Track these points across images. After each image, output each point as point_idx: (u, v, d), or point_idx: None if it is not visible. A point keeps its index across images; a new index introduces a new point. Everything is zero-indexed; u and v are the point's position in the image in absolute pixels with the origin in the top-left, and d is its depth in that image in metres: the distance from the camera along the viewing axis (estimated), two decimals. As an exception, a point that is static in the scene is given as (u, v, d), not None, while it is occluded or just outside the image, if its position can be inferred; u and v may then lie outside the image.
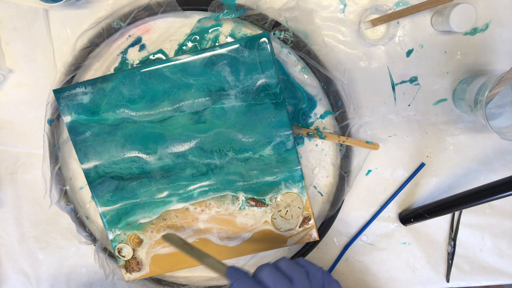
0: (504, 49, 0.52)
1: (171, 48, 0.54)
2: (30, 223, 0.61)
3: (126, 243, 0.55)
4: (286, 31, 0.50)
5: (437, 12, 0.51)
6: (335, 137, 0.54)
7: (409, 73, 0.53)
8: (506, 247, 0.58)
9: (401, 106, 0.55)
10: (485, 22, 0.52)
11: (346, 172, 0.54)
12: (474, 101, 0.47)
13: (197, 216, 0.54)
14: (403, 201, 0.58)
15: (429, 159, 0.56)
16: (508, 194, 0.43)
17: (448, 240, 0.58)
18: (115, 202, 0.54)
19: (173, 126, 0.51)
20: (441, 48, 0.53)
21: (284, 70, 0.53)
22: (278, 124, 0.50)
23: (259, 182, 0.52)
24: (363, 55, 0.53)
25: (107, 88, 0.50)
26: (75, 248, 0.61)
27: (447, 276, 0.59)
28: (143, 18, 0.51)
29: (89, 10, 0.53)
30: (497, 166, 0.56)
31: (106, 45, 0.53)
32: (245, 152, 0.51)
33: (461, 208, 0.49)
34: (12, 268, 0.63)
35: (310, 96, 0.54)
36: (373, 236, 0.58)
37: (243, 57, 0.48)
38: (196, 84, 0.49)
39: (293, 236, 0.55)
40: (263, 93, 0.49)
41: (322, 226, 0.56)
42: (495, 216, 0.57)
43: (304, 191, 0.53)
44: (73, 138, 0.52)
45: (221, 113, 0.50)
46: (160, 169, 0.52)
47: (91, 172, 0.53)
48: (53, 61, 0.55)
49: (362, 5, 0.52)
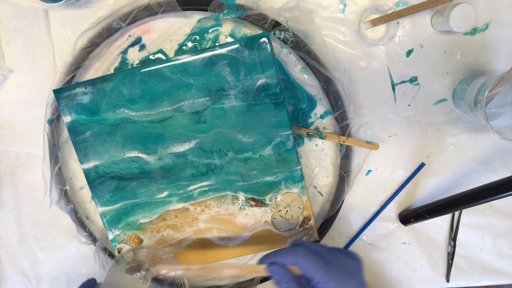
0: (504, 49, 0.52)
1: (171, 48, 0.54)
2: (30, 223, 0.61)
3: (126, 243, 0.55)
4: (286, 31, 0.50)
5: (437, 12, 0.51)
6: (335, 137, 0.54)
7: (409, 73, 0.53)
8: (506, 247, 0.58)
9: (401, 106, 0.55)
10: (485, 22, 0.52)
11: (346, 172, 0.54)
12: (474, 101, 0.47)
13: (197, 216, 0.54)
14: (403, 201, 0.58)
15: (429, 159, 0.56)
16: (508, 194, 0.43)
17: (448, 240, 0.58)
18: (115, 202, 0.54)
19: (173, 126, 0.51)
20: (441, 48, 0.53)
21: (284, 70, 0.53)
22: (278, 124, 0.50)
23: (259, 182, 0.52)
24: (363, 55, 0.53)
25: (107, 88, 0.50)
26: (75, 248, 0.61)
27: (447, 276, 0.59)
28: (143, 18, 0.51)
29: (89, 10, 0.53)
30: (497, 166, 0.56)
31: (106, 45, 0.53)
32: (245, 152, 0.51)
33: (461, 208, 0.49)
34: (12, 268, 0.63)
35: (310, 96, 0.54)
36: (373, 236, 0.58)
37: (243, 57, 0.48)
38: (196, 84, 0.49)
39: (293, 236, 0.55)
40: (263, 93, 0.49)
41: (322, 226, 0.56)
42: (495, 216, 0.57)
43: (304, 191, 0.53)
44: (73, 138, 0.52)
45: (221, 113, 0.50)
46: (160, 169, 0.52)
47: (91, 172, 0.53)
48: (53, 61, 0.55)
49: (362, 5, 0.52)
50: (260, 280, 0.57)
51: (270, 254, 0.41)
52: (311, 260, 0.39)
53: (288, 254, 0.40)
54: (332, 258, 0.40)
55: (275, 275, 0.40)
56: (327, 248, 0.42)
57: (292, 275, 0.39)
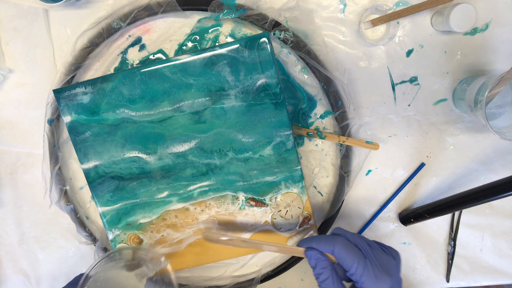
0: (504, 49, 0.52)
1: (171, 48, 0.54)
2: (30, 223, 0.61)
3: (126, 243, 0.55)
4: (286, 31, 0.50)
5: (437, 12, 0.51)
6: (335, 137, 0.54)
7: (409, 73, 0.53)
8: (506, 247, 0.58)
9: (401, 106, 0.55)
10: (485, 22, 0.52)
11: (346, 172, 0.54)
12: (474, 101, 0.47)
13: (197, 216, 0.54)
14: (403, 201, 0.58)
15: (429, 159, 0.56)
16: (508, 194, 0.43)
17: (448, 240, 0.58)
18: (115, 202, 0.54)
19: (173, 126, 0.51)
20: (441, 48, 0.53)
21: (284, 70, 0.53)
22: (278, 124, 0.50)
23: (259, 182, 0.52)
24: (363, 55, 0.53)
25: (107, 88, 0.50)
26: (75, 248, 0.61)
27: (447, 276, 0.59)
28: (143, 18, 0.51)
29: (89, 10, 0.53)
30: (497, 166, 0.56)
31: (106, 45, 0.53)
32: (245, 152, 0.51)
33: (461, 208, 0.49)
34: (12, 268, 0.63)
35: (310, 96, 0.54)
36: (373, 236, 0.58)
37: (243, 57, 0.48)
38: (196, 84, 0.49)
39: (293, 236, 0.55)
40: (263, 93, 0.49)
41: (322, 226, 0.56)
42: (495, 216, 0.57)
43: (304, 191, 0.53)
44: (73, 138, 0.52)
45: (221, 113, 0.50)
46: (160, 169, 0.52)
47: (91, 172, 0.53)
48: (53, 61, 0.55)
49: (362, 5, 0.52)
50: (260, 280, 0.57)
51: (309, 238, 0.43)
52: (349, 252, 0.40)
53: (327, 241, 0.42)
54: (370, 252, 0.41)
55: (312, 259, 0.42)
56: (367, 241, 0.43)
57: (329, 261, 0.41)
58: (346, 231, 0.44)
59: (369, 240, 0.43)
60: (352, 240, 0.42)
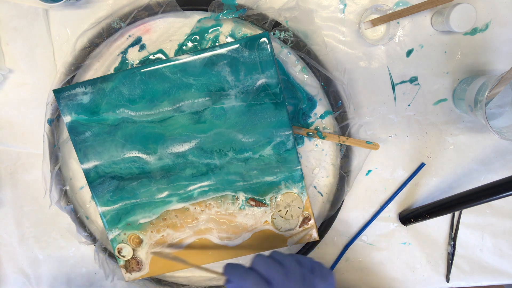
0: (504, 49, 0.52)
1: (171, 48, 0.54)
2: (30, 223, 0.61)
3: (126, 243, 0.55)
4: (286, 31, 0.50)
5: (437, 12, 0.51)
6: (335, 137, 0.54)
7: (409, 73, 0.53)
8: (506, 247, 0.58)
9: (401, 106, 0.55)
10: (485, 22, 0.52)
11: (346, 172, 0.54)
12: (474, 101, 0.47)
13: (197, 216, 0.54)
14: (403, 201, 0.58)
15: (429, 159, 0.56)
16: (508, 194, 0.43)
17: (448, 240, 0.58)
18: (115, 202, 0.54)
19: (173, 126, 0.51)
20: (441, 48, 0.53)
21: (284, 70, 0.53)
22: (278, 124, 0.50)
23: (259, 182, 0.52)
24: (363, 55, 0.53)
25: (107, 88, 0.50)
26: (75, 248, 0.61)
27: (447, 276, 0.59)
28: (143, 18, 0.51)
29: (89, 10, 0.53)
30: (497, 166, 0.56)
31: (106, 45, 0.53)
32: (245, 152, 0.51)
33: (461, 208, 0.49)
34: (12, 268, 0.63)
35: (310, 96, 0.54)
36: (373, 236, 0.58)
37: (243, 57, 0.48)
38: (196, 84, 0.49)
39: (293, 236, 0.55)
40: (263, 93, 0.49)
41: (322, 226, 0.56)
42: (495, 216, 0.57)
43: (304, 191, 0.53)
44: (73, 138, 0.52)
45: (221, 113, 0.50)
46: (160, 169, 0.52)
47: (91, 172, 0.53)
48: (53, 61, 0.55)
49: (362, 5, 0.52)
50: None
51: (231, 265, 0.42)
52: (269, 265, 0.40)
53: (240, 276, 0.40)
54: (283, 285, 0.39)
55: (227, 272, 0.41)
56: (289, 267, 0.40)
57: (243, 267, 0.41)
58: (265, 260, 0.41)
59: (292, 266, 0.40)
60: (265, 275, 0.39)
